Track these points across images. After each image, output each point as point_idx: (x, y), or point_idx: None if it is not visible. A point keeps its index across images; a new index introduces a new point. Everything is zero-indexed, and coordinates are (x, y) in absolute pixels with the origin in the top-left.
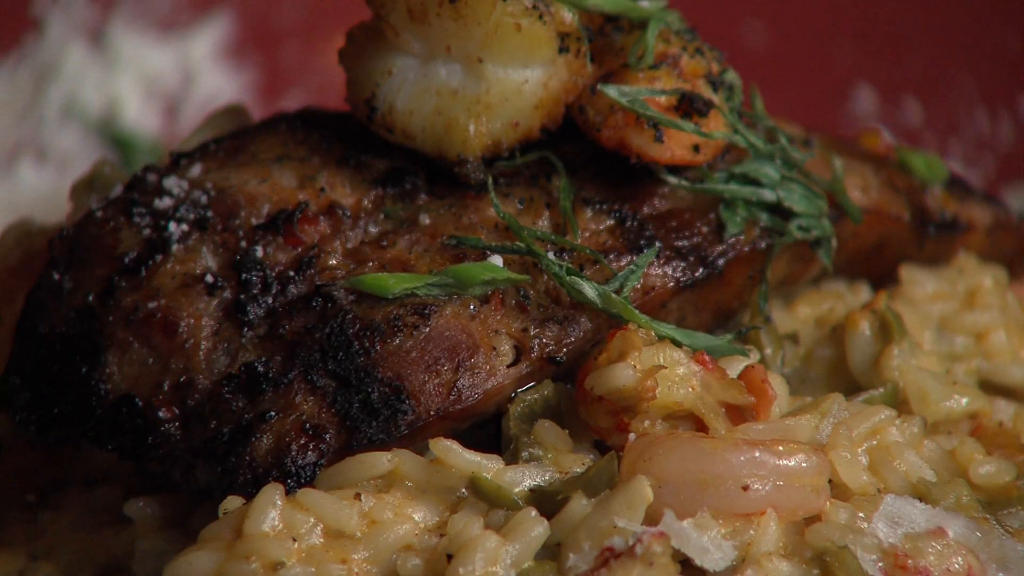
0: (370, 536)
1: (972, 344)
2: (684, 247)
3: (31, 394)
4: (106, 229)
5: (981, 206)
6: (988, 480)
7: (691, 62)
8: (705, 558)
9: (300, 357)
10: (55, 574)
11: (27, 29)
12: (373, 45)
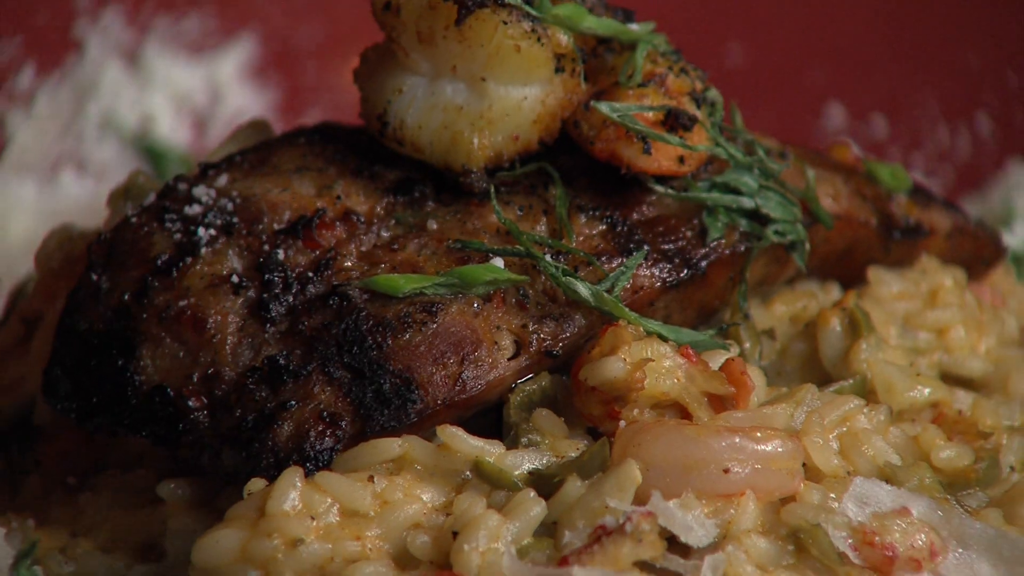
0: (382, 515)
1: (934, 339)
2: (670, 250)
3: (72, 385)
4: (140, 234)
5: (942, 213)
6: (948, 464)
7: (676, 81)
8: (689, 535)
9: (318, 351)
10: (94, 550)
11: (69, 50)
12: (385, 65)
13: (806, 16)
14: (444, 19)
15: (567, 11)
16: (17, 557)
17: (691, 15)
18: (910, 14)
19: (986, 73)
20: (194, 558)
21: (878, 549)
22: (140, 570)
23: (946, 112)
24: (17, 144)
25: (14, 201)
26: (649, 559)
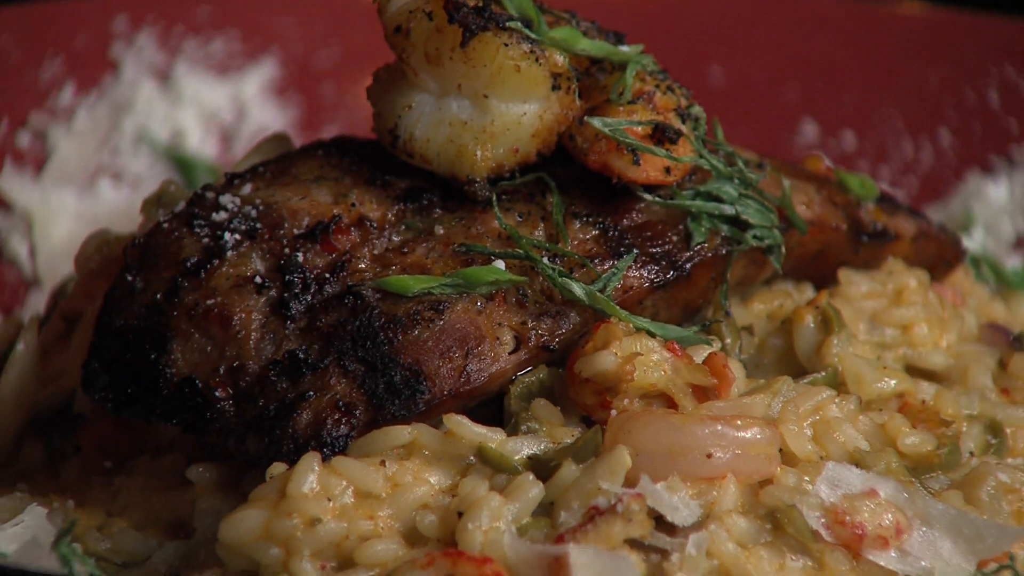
0: (393, 496)
1: (899, 335)
2: (657, 253)
3: (109, 377)
4: (171, 238)
5: (906, 219)
6: (913, 449)
7: (663, 98)
8: (675, 515)
9: (334, 346)
10: (128, 528)
11: (106, 70)
12: (396, 84)
13: (781, 41)
14: (450, 41)
15: (563, 34)
16: (58, 534)
17: (677, 38)
18: (876, 39)
19: (945, 92)
20: (221, 535)
21: (848, 528)
22: (171, 547)
23: (910, 127)
24: (59, 156)
25: (56, 208)
26: (638, 537)
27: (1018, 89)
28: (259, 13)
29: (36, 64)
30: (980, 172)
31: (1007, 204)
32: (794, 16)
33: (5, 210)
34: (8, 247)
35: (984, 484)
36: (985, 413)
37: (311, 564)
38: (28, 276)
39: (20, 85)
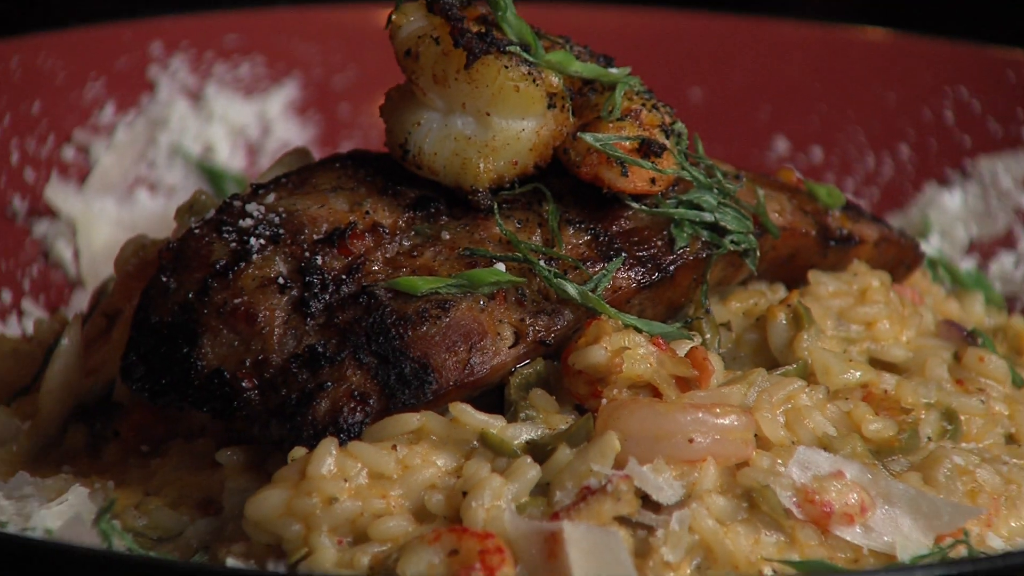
0: (404, 478)
1: (863, 331)
2: (644, 256)
3: (145, 369)
4: (202, 243)
5: (870, 225)
6: (876, 435)
7: (649, 115)
8: (660, 494)
9: (350, 341)
10: (163, 506)
11: (143, 90)
12: (406, 103)
13: (755, 65)
14: (455, 64)
15: (558, 57)
16: (99, 512)
17: (661, 62)
18: (841, 62)
19: (904, 110)
20: (247, 513)
21: (817, 506)
22: (202, 523)
23: (872, 142)
24: (100, 168)
25: (97, 215)
26: (626, 514)
27: (970, 108)
28: (282, 40)
29: (80, 85)
30: (936, 183)
31: (961, 212)
32: (766, 42)
33: (52, 217)
34: (54, 251)
35: (941, 466)
36: (942, 402)
37: (329, 539)
38: (72, 277)
39: (65, 104)
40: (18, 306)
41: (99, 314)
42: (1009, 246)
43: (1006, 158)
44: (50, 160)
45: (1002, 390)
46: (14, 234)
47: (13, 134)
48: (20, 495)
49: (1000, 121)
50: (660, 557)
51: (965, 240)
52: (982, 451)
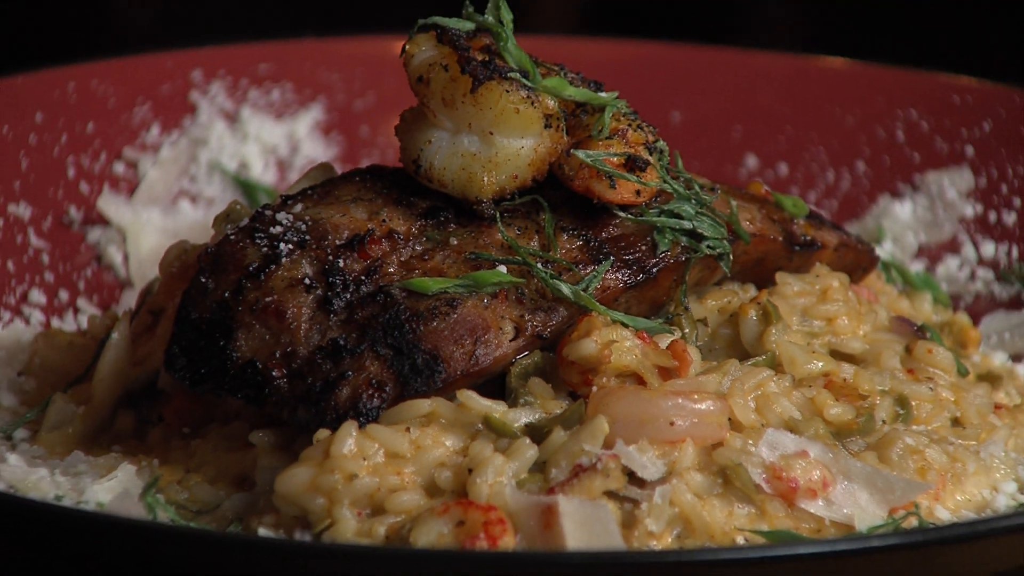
0: (416, 456)
1: (825, 326)
2: (629, 260)
3: (186, 360)
4: (237, 247)
5: (830, 232)
6: (836, 418)
7: (634, 134)
8: (644, 471)
9: (368, 335)
10: (202, 482)
11: (185, 113)
12: (418, 123)
13: (728, 90)
14: (462, 89)
15: (553, 83)
16: (145, 487)
17: (645, 87)
18: (805, 88)
19: (861, 130)
20: (276, 488)
21: (784, 482)
22: (236, 497)
23: (832, 159)
24: (147, 182)
25: (144, 224)
26: (614, 489)
27: (919, 128)
28: (309, 68)
29: (129, 108)
30: (889, 195)
31: (911, 221)
32: (738, 70)
33: (104, 225)
34: (106, 255)
35: (894, 447)
36: (895, 389)
37: (349, 511)
38: (122, 279)
39: (116, 125)
40: (74, 304)
41: (145, 311)
42: (954, 251)
43: (951, 173)
44: (102, 174)
45: (948, 379)
46: (70, 240)
47: (70, 151)
48: (75, 472)
49: (946, 140)
50: (644, 527)
51: (914, 246)
52: (931, 433)
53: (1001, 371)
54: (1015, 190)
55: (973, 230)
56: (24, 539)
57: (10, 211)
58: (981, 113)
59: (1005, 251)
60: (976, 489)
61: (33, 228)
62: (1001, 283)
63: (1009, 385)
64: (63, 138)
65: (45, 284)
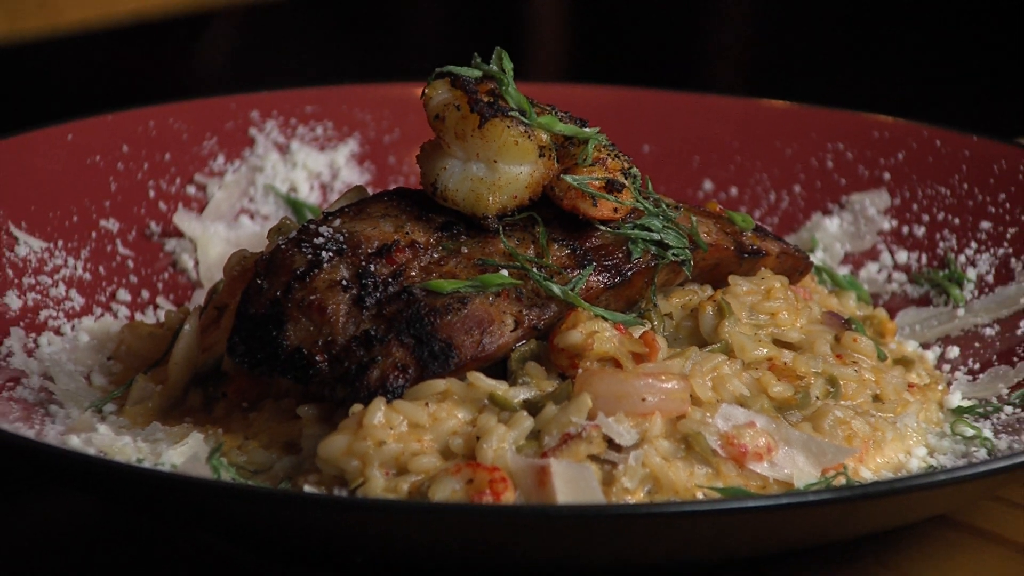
0: (433, 426)
1: (768, 319)
2: (608, 265)
3: (245, 347)
4: (287, 255)
5: (773, 242)
6: (778, 395)
7: (613, 162)
8: (621, 439)
9: (394, 327)
10: (258, 447)
11: (245, 146)
12: (435, 153)
13: (690, 127)
14: (472, 125)
15: (546, 120)
16: (211, 452)
17: (621, 124)
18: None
19: (798, 160)
20: (319, 452)
21: (736, 447)
22: (286, 460)
23: (774, 184)
24: (214, 202)
25: (212, 236)
26: (596, 454)
27: (845, 158)
28: (346, 109)
29: (199, 141)
30: (820, 213)
31: (838, 233)
32: (697, 110)
33: (179, 237)
34: (180, 261)
35: (826, 418)
36: (826, 371)
37: (379, 472)
38: (193, 281)
39: (189, 155)
40: (154, 302)
41: (212, 307)
42: (873, 258)
43: (871, 194)
44: (177, 195)
45: (870, 363)
46: (151, 249)
47: (150, 176)
48: (153, 439)
49: (867, 167)
50: (621, 485)
51: (841, 254)
52: (856, 407)
53: (913, 356)
54: (924, 208)
55: (889, 241)
56: (111, 495)
57: (102, 225)
58: (896, 145)
59: (916, 258)
60: (893, 453)
61: (120, 240)
62: (912, 284)
63: (919, 368)
64: (145, 165)
65: (130, 285)
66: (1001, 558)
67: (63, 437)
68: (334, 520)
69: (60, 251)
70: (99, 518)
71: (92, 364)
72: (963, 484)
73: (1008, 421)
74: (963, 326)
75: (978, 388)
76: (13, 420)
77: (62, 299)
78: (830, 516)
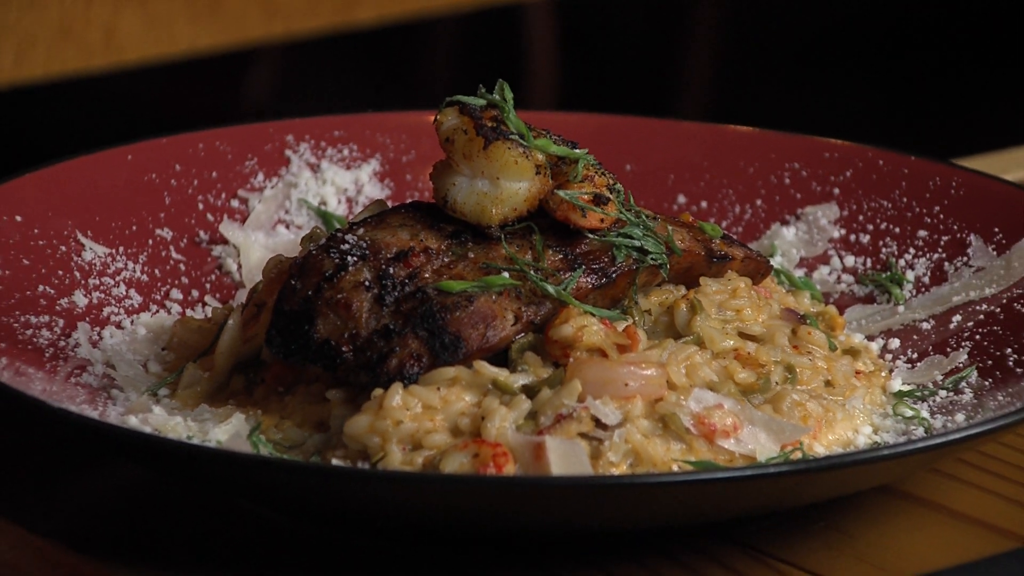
0: (444, 408)
1: (735, 315)
2: (596, 268)
3: (281, 339)
4: (317, 259)
5: (738, 248)
6: (743, 381)
7: (600, 179)
8: (607, 419)
9: (410, 322)
10: (292, 426)
11: (282, 164)
12: (446, 170)
13: (666, 150)
14: (477, 146)
15: (541, 142)
16: (251, 429)
17: (606, 146)
18: (720, 147)
19: (759, 177)
20: (345, 430)
21: (706, 426)
22: (316, 437)
23: (738, 199)
24: (255, 214)
25: (253, 243)
26: (585, 432)
27: (801, 175)
28: (369, 134)
29: (242, 161)
30: (779, 223)
31: (795, 241)
32: (673, 134)
33: (224, 244)
34: (225, 265)
35: (784, 401)
36: (784, 360)
37: (396, 447)
38: (236, 282)
39: (233, 173)
40: (202, 300)
41: (252, 305)
42: (825, 262)
43: (823, 207)
44: (223, 208)
45: (822, 352)
46: (200, 255)
47: (199, 192)
48: (201, 419)
49: (819, 184)
50: (607, 459)
51: (797, 258)
52: (810, 391)
53: (859, 347)
54: (868, 219)
55: (839, 248)
56: (164, 468)
57: (157, 234)
58: (844, 164)
59: (861, 262)
60: (843, 432)
61: (174, 246)
62: (859, 285)
63: (865, 357)
64: (195, 182)
65: (182, 285)
66: (935, 522)
67: (123, 417)
68: (358, 489)
69: (121, 256)
70: (153, 488)
71: (148, 354)
72: (903, 458)
73: (942, 403)
74: (903, 321)
75: (916, 375)
76: (80, 403)
77: (123, 298)
78: (788, 486)
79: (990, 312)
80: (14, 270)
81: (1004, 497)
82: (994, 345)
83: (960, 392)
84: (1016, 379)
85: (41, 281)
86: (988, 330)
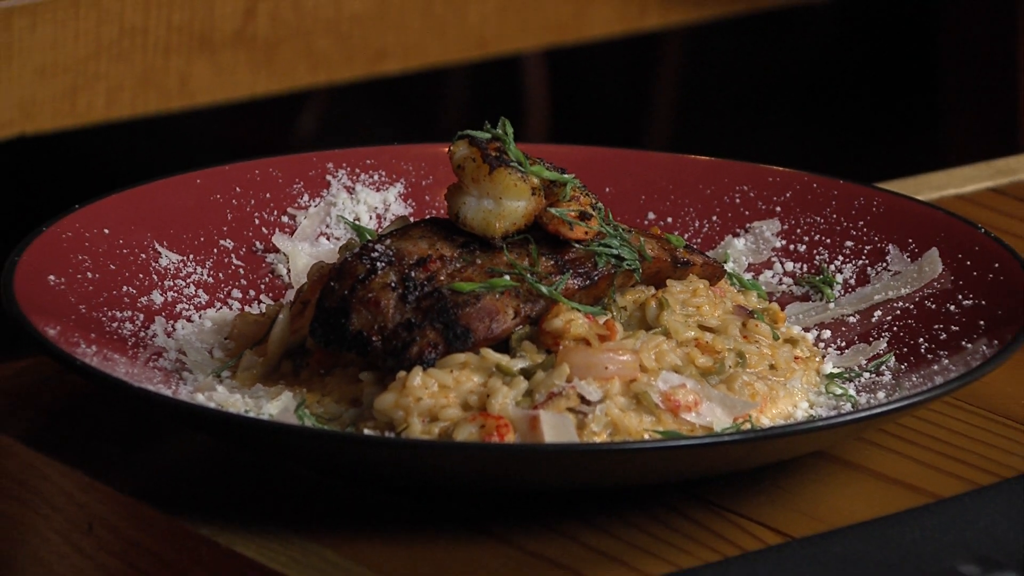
0: (456, 387)
1: (695, 311)
2: (581, 272)
3: (322, 331)
4: (352, 265)
5: (698, 256)
6: (703, 365)
7: (585, 199)
8: (590, 396)
9: (428, 317)
10: (331, 402)
11: (323, 187)
12: (457, 192)
13: (640, 176)
14: (484, 172)
15: (536, 168)
16: (297, 405)
17: (589, 172)
18: (685, 174)
19: (715, 198)
20: (375, 406)
21: (672, 402)
22: (351, 411)
23: (698, 216)
24: (301, 228)
25: (299, 252)
26: (573, 407)
27: (750, 197)
28: (395, 162)
29: (290, 184)
30: (731, 236)
31: (744, 250)
32: (644, 163)
33: (276, 253)
34: (277, 270)
35: (736, 381)
36: (736, 347)
37: (417, 419)
38: (286, 283)
39: (283, 194)
40: (258, 298)
41: (299, 302)
42: (769, 267)
43: (767, 222)
44: (275, 223)
45: (767, 342)
46: (256, 261)
47: (256, 209)
48: (256, 396)
49: (764, 203)
50: (590, 430)
51: (746, 264)
52: (757, 373)
53: (797, 337)
54: (805, 232)
55: (780, 255)
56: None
57: (220, 244)
58: (784, 187)
59: (799, 267)
60: (784, 407)
61: (234, 254)
62: (797, 286)
63: (802, 345)
64: (252, 201)
65: (241, 286)
66: (861, 481)
67: (192, 395)
68: (385, 454)
69: (191, 262)
70: (217, 454)
71: (213, 343)
72: (834, 429)
73: (866, 383)
74: (833, 316)
75: (844, 360)
76: (156, 383)
77: (192, 296)
78: (740, 451)
79: (905, 308)
80: (102, 274)
81: (918, 461)
82: (909, 335)
83: (881, 374)
84: (927, 364)
85: (125, 283)
86: (904, 323)
